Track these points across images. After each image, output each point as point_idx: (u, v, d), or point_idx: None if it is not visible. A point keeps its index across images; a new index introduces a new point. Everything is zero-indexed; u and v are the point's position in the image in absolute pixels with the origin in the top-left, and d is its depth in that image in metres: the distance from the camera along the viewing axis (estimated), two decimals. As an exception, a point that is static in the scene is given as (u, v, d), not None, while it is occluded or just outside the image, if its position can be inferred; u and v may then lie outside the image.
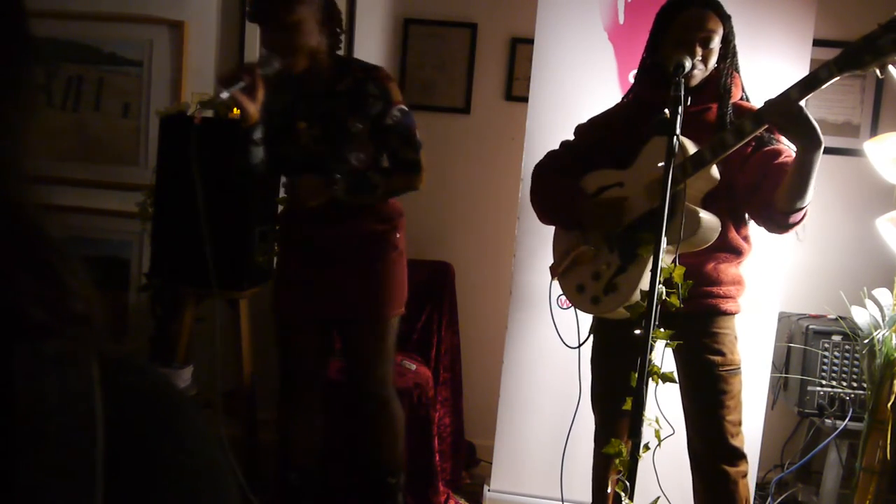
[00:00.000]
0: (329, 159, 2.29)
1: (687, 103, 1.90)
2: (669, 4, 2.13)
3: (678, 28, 2.05)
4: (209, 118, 2.73)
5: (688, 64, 1.91)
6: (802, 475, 3.01)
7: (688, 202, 1.96)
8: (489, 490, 2.90)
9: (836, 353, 2.77)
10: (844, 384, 2.74)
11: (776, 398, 2.93)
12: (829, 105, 3.14)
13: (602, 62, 2.79)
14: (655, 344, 1.80)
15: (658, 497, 1.91)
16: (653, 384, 1.85)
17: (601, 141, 2.22)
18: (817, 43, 2.76)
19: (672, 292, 1.89)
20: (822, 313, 2.93)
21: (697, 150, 1.95)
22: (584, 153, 2.25)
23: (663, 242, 1.77)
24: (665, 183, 1.76)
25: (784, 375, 2.92)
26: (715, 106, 2.10)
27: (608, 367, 2.19)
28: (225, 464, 0.48)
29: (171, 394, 0.47)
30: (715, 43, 2.06)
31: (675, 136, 1.77)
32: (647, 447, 1.82)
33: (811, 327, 2.79)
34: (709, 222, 1.98)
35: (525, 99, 2.92)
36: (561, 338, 2.26)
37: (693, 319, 2.06)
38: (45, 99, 3.31)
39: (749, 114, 1.94)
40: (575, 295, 2.19)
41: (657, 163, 1.87)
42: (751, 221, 2.14)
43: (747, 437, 2.17)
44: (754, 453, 2.65)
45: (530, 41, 2.89)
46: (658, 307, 1.76)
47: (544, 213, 2.30)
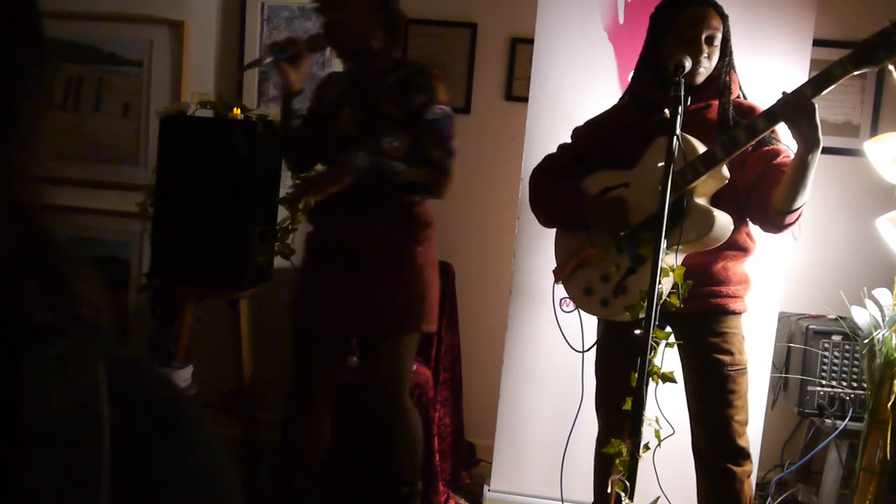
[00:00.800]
0: (362, 140, 2.25)
1: (687, 103, 1.90)
2: (667, 3, 2.13)
3: (681, 26, 2.05)
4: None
5: (688, 64, 1.91)
6: (802, 475, 3.00)
7: (700, 200, 1.96)
8: (489, 490, 2.90)
9: (836, 353, 2.77)
10: (844, 384, 2.74)
11: (776, 398, 2.93)
12: (829, 105, 3.14)
13: (602, 62, 2.79)
14: (658, 344, 1.80)
15: (658, 497, 1.91)
16: (653, 384, 1.85)
17: (600, 142, 2.21)
18: (817, 43, 2.77)
19: (673, 292, 1.89)
20: (822, 313, 2.93)
21: (708, 150, 1.95)
22: (583, 155, 2.24)
23: (664, 243, 1.77)
24: (665, 183, 1.76)
25: (784, 375, 2.92)
26: (715, 103, 2.11)
27: (614, 372, 2.16)
28: (229, 466, 0.48)
29: (176, 396, 0.47)
30: (718, 40, 2.06)
31: (676, 137, 1.78)
32: (647, 447, 1.82)
33: (811, 327, 2.79)
34: (722, 220, 1.98)
35: (525, 99, 2.92)
36: (567, 341, 2.23)
37: (701, 319, 2.06)
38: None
39: (762, 112, 1.93)
40: (582, 297, 2.16)
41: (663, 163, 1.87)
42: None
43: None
44: (754, 453, 2.63)
45: (530, 41, 2.89)
46: (658, 307, 1.76)
47: (546, 216, 2.29)
